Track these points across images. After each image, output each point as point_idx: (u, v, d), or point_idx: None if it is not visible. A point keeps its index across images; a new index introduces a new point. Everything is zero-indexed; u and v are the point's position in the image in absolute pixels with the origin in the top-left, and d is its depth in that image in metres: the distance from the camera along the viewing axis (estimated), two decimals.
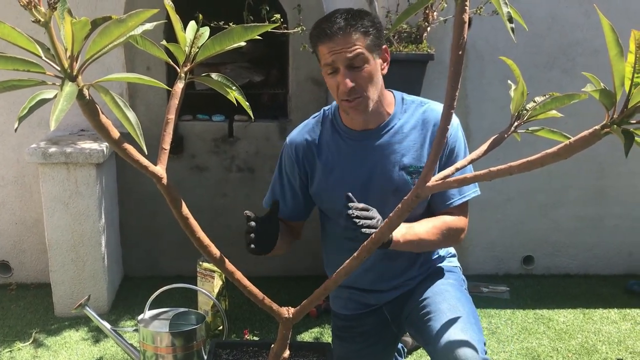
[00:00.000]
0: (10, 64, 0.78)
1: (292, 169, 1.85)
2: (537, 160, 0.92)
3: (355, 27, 1.63)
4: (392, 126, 1.77)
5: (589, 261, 3.55)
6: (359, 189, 1.74)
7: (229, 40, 0.98)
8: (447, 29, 3.03)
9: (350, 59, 1.63)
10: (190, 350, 1.85)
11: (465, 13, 0.88)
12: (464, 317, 1.65)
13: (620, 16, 3.14)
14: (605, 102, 0.86)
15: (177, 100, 1.03)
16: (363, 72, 1.65)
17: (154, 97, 3.19)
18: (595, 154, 3.32)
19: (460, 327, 1.60)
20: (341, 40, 1.62)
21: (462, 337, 1.56)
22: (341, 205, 1.72)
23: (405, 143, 1.76)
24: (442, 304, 1.70)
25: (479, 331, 1.64)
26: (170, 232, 3.32)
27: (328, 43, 1.64)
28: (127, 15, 0.80)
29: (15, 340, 2.76)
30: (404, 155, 1.75)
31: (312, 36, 1.71)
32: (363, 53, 1.64)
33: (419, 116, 1.77)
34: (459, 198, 1.79)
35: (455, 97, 0.94)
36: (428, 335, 1.64)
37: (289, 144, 1.86)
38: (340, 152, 1.80)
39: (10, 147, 3.19)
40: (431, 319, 1.66)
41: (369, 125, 1.76)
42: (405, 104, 1.80)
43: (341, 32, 1.62)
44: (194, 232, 1.09)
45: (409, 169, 1.74)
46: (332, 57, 1.64)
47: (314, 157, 1.82)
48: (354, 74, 1.64)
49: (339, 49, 1.63)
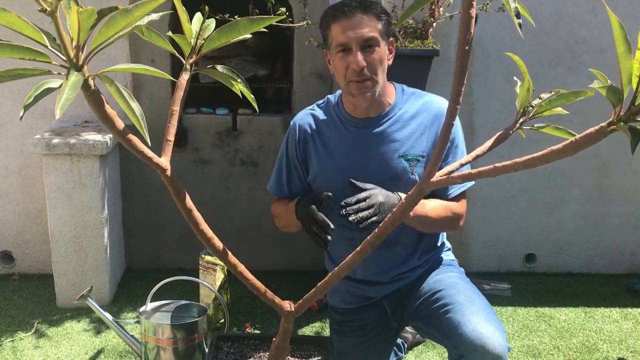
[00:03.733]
0: (17, 52, 0.78)
1: (295, 151, 1.90)
2: (542, 156, 0.92)
3: (371, 10, 1.70)
4: (393, 115, 1.82)
5: (592, 260, 3.55)
6: (358, 174, 1.77)
7: (235, 32, 0.98)
8: (453, 24, 3.02)
9: (366, 39, 1.68)
10: (192, 343, 1.86)
11: (472, 8, 0.88)
12: (484, 308, 1.65)
13: (627, 15, 3.13)
14: (613, 99, 0.85)
15: (182, 92, 1.03)
16: (375, 54, 1.71)
17: (157, 90, 3.19)
18: (599, 152, 3.31)
19: (483, 317, 1.59)
20: (358, 20, 1.69)
21: (488, 327, 1.56)
22: (339, 190, 1.75)
23: (404, 131, 1.81)
24: (458, 296, 1.69)
25: (500, 322, 1.64)
26: (172, 224, 3.32)
27: (344, 21, 1.70)
28: (134, 5, 0.80)
29: (17, 331, 2.76)
30: (403, 143, 1.80)
31: (325, 16, 1.77)
32: (377, 35, 1.70)
33: (419, 106, 1.83)
34: (458, 188, 1.85)
35: (461, 92, 0.94)
36: (448, 326, 1.62)
37: (293, 127, 1.91)
38: (341, 138, 1.84)
39: (14, 137, 3.20)
40: (450, 311, 1.65)
41: (370, 113, 1.81)
42: (405, 94, 1.86)
43: (359, 10, 1.69)
44: (197, 224, 1.09)
45: (407, 156, 1.79)
46: (347, 35, 1.69)
47: (316, 142, 1.87)
48: (366, 54, 1.70)
49: (354, 28, 1.68)
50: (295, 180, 1.93)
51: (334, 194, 1.79)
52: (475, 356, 1.53)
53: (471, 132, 3.23)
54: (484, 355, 1.52)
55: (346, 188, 1.78)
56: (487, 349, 1.51)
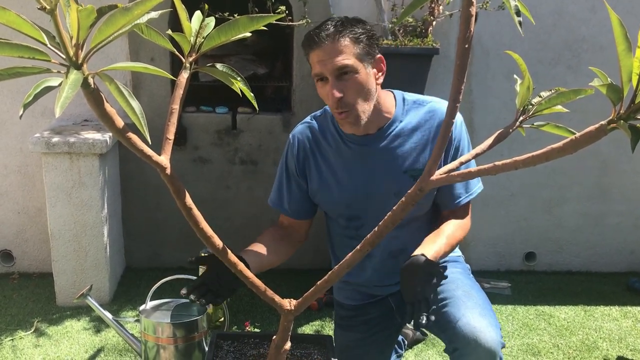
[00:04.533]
0: (16, 51, 0.78)
1: (295, 166, 1.85)
2: (542, 155, 0.92)
3: (343, 33, 1.59)
4: (393, 129, 1.75)
5: (591, 258, 3.55)
6: (361, 192, 1.76)
7: (234, 30, 0.97)
8: (453, 23, 3.02)
9: (338, 69, 1.58)
10: (192, 341, 1.85)
11: (472, 6, 0.88)
12: (480, 303, 1.66)
13: (627, 12, 3.13)
14: (613, 97, 0.85)
15: (182, 90, 1.02)
16: (352, 82, 1.60)
17: (157, 88, 3.19)
18: (599, 151, 3.32)
19: (478, 312, 1.60)
20: (328, 48, 1.58)
21: (481, 321, 1.57)
22: (341, 206, 1.73)
23: (407, 146, 1.74)
24: (456, 291, 1.70)
25: (496, 317, 1.65)
26: (172, 223, 3.32)
27: (316, 51, 1.60)
28: (133, 3, 0.80)
29: (17, 329, 2.77)
30: (406, 158, 1.74)
31: (303, 43, 1.67)
32: (350, 62, 1.59)
33: (421, 116, 1.75)
34: (466, 196, 1.80)
35: (461, 90, 0.94)
36: (444, 320, 1.63)
37: (292, 141, 1.85)
38: (341, 154, 1.79)
39: (14, 136, 3.20)
40: (447, 305, 1.65)
41: (369, 130, 1.73)
42: (406, 104, 1.77)
43: (329, 39, 1.58)
44: (197, 223, 1.09)
45: (411, 171, 1.73)
46: (320, 66, 1.61)
47: (316, 157, 1.82)
48: (342, 84, 1.60)
49: (326, 58, 1.59)
50: (296, 193, 1.87)
51: (336, 211, 1.82)
52: (468, 350, 1.55)
53: (471, 130, 3.23)
54: (476, 348, 1.53)
55: (349, 204, 1.77)
56: (479, 343, 1.52)
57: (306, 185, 1.86)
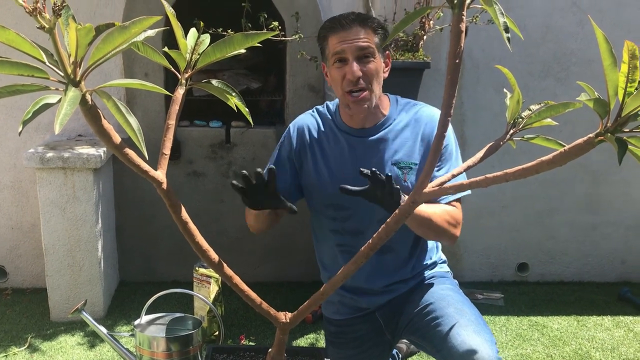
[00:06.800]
0: (16, 69, 0.79)
1: (290, 153, 1.91)
2: (532, 167, 0.94)
3: (366, 22, 1.75)
4: (388, 126, 1.86)
5: (583, 268, 3.57)
6: (351, 181, 1.77)
7: (229, 47, 0.99)
8: (443, 37, 3.05)
9: (362, 49, 1.72)
10: (187, 355, 1.85)
11: (462, 22, 0.90)
12: (473, 319, 1.66)
13: (613, 27, 3.17)
14: (600, 111, 0.87)
15: (177, 106, 1.04)
16: (371, 64, 1.74)
17: (151, 104, 3.20)
18: (589, 162, 3.35)
19: (472, 329, 1.61)
20: (354, 31, 1.73)
21: (476, 339, 1.57)
22: (331, 196, 1.75)
23: (398, 140, 1.84)
24: (448, 308, 1.70)
25: (490, 332, 1.65)
26: (166, 237, 3.32)
27: (341, 32, 1.73)
28: (130, 22, 0.81)
29: (10, 345, 2.75)
30: (396, 151, 1.83)
31: (323, 28, 1.80)
32: (373, 47, 1.74)
33: (412, 115, 1.87)
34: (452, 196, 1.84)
35: (452, 104, 0.96)
36: (439, 339, 1.63)
37: (292, 129, 1.93)
38: (337, 145, 1.87)
39: (8, 151, 3.20)
40: (440, 324, 1.66)
41: (366, 124, 1.85)
42: (399, 105, 1.90)
43: (355, 23, 1.73)
44: (193, 237, 1.10)
45: (400, 164, 1.82)
46: (343, 46, 1.73)
47: (313, 146, 1.89)
48: (362, 64, 1.73)
49: (352, 39, 1.72)
50: (283, 176, 1.87)
51: (326, 200, 1.86)
52: None
53: (462, 142, 3.26)
54: None
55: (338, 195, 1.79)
56: None
57: (298, 171, 1.91)
